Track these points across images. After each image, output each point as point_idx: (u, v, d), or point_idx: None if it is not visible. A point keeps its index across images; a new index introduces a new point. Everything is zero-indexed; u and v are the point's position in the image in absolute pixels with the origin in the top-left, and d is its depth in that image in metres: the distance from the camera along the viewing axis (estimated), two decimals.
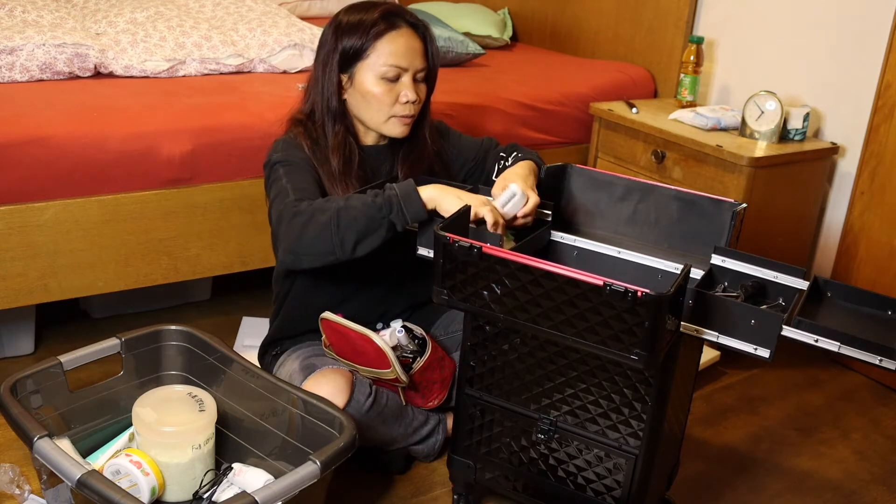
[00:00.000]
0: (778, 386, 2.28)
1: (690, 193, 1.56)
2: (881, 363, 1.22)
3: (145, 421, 1.51)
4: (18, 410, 1.42)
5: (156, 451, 1.50)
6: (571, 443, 1.45)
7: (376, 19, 1.60)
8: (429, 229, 1.49)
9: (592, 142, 2.65)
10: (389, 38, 1.61)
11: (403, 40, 1.62)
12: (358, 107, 1.66)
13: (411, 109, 1.64)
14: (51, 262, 1.85)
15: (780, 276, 1.42)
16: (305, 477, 1.33)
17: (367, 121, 1.67)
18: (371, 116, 1.66)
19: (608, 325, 1.21)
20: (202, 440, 1.52)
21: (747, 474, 1.89)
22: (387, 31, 1.61)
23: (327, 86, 1.65)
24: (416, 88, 1.64)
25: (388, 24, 1.61)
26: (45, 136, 1.80)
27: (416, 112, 1.67)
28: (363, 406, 1.60)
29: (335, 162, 1.64)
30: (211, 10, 2.61)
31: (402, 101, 1.63)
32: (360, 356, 1.61)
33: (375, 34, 1.60)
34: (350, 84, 1.65)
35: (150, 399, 1.56)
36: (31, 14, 2.29)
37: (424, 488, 1.76)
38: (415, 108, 1.65)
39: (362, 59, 1.62)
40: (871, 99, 2.29)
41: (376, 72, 1.61)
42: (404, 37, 1.62)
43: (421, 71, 1.65)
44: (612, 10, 3.02)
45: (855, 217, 2.35)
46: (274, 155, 1.64)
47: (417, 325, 1.77)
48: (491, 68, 2.84)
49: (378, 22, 1.60)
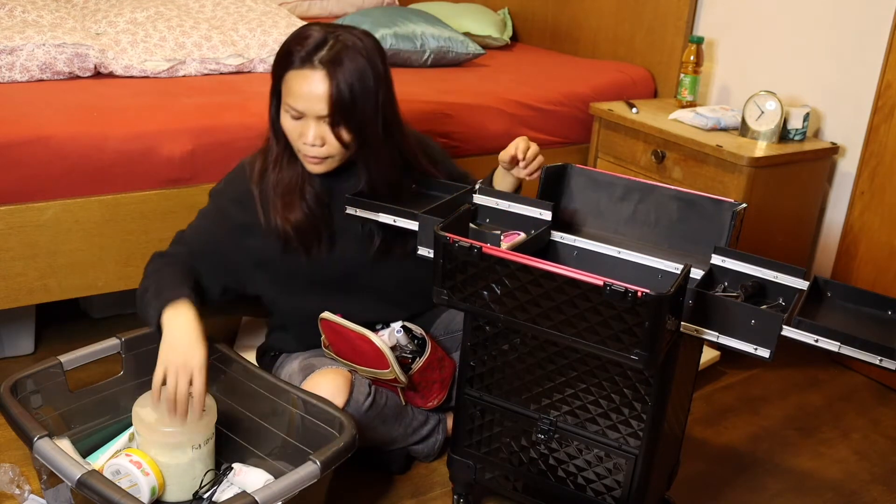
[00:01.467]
0: (778, 386, 2.28)
1: (690, 193, 1.56)
2: (881, 363, 1.22)
3: (145, 421, 1.51)
4: (18, 410, 1.42)
5: (156, 451, 1.50)
6: (571, 443, 1.45)
7: (289, 51, 1.49)
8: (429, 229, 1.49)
9: (592, 142, 2.65)
10: (291, 77, 1.48)
11: (304, 82, 1.46)
12: None
13: (316, 151, 1.52)
14: (51, 262, 1.86)
15: (780, 276, 1.42)
16: (305, 477, 1.33)
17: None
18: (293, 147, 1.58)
19: (608, 325, 1.21)
20: (202, 440, 1.52)
21: (747, 474, 1.89)
22: (289, 69, 1.48)
23: (272, 106, 1.58)
24: (322, 132, 1.50)
25: (298, 60, 1.47)
26: (45, 136, 1.80)
27: (328, 154, 1.53)
28: (362, 406, 1.60)
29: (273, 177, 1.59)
30: (211, 10, 2.62)
31: (303, 141, 1.52)
32: (359, 356, 1.61)
33: (286, 66, 1.49)
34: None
35: (150, 399, 1.56)
36: (31, 14, 2.29)
37: (424, 488, 1.76)
38: (320, 151, 1.52)
39: (281, 87, 1.52)
40: (871, 99, 2.29)
41: (285, 106, 1.52)
42: (305, 79, 1.46)
43: (323, 117, 1.48)
44: (612, 10, 3.02)
45: (855, 217, 2.35)
46: (218, 185, 1.68)
47: (417, 325, 1.77)
48: (491, 68, 2.84)
49: (287, 54, 1.49)
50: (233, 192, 1.64)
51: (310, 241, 1.62)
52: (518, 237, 1.54)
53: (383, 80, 1.54)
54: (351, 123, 1.50)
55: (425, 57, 2.72)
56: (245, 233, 1.62)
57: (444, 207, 1.57)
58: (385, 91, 1.55)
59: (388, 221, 1.57)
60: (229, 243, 1.63)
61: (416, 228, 1.52)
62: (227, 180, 1.68)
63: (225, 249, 1.63)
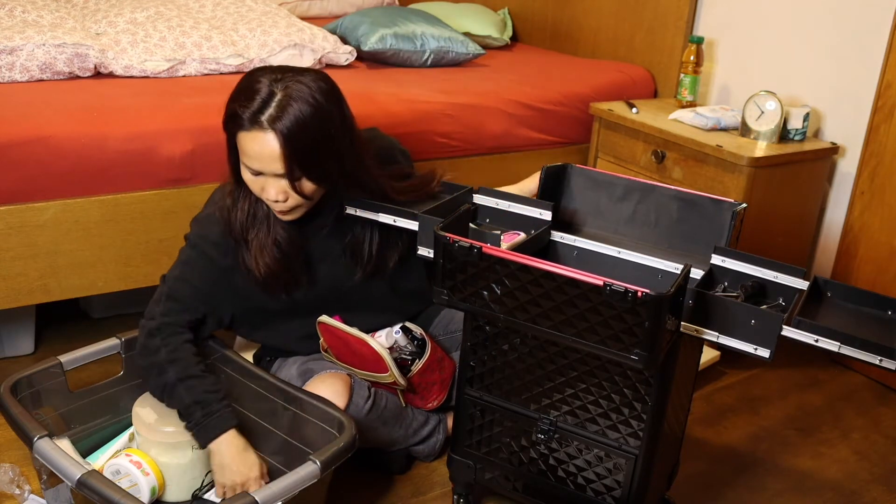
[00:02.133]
0: (778, 386, 2.28)
1: (690, 193, 1.56)
2: (881, 363, 1.22)
3: (145, 421, 1.51)
4: (18, 410, 1.43)
5: (156, 451, 1.51)
6: (571, 443, 1.45)
7: (234, 112, 1.41)
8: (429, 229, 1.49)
9: (592, 142, 2.65)
10: (242, 138, 1.42)
11: (255, 144, 1.40)
12: None
13: (280, 206, 1.48)
14: (51, 262, 1.85)
15: (780, 276, 1.42)
16: (305, 477, 1.33)
17: None
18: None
19: (608, 325, 1.21)
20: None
21: (747, 474, 1.89)
22: (239, 130, 1.41)
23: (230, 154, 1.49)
24: (282, 186, 1.44)
25: (245, 122, 1.40)
26: (45, 136, 1.80)
27: (297, 204, 1.48)
28: (362, 409, 1.60)
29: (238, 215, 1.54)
30: (211, 10, 2.62)
31: (266, 197, 1.47)
32: (358, 360, 1.60)
33: (233, 127, 1.42)
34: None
35: (150, 399, 1.56)
36: (31, 14, 2.29)
37: (424, 488, 1.76)
38: (287, 205, 1.47)
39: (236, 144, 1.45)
40: (871, 99, 2.29)
41: (241, 163, 1.46)
42: (256, 141, 1.40)
43: (280, 175, 1.42)
44: (612, 10, 3.02)
45: (855, 217, 2.35)
46: (192, 226, 1.60)
47: (415, 324, 1.77)
48: (491, 68, 2.84)
49: (234, 115, 1.41)
50: (212, 235, 1.57)
51: (286, 281, 1.58)
52: (518, 237, 1.54)
53: (339, 124, 1.46)
54: (311, 175, 1.44)
55: (425, 57, 2.72)
56: (230, 273, 1.57)
57: (444, 207, 1.57)
58: (343, 133, 1.47)
59: (388, 221, 1.57)
60: (217, 289, 1.58)
61: (416, 228, 1.52)
62: (204, 220, 1.59)
63: (215, 295, 1.59)
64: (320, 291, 1.64)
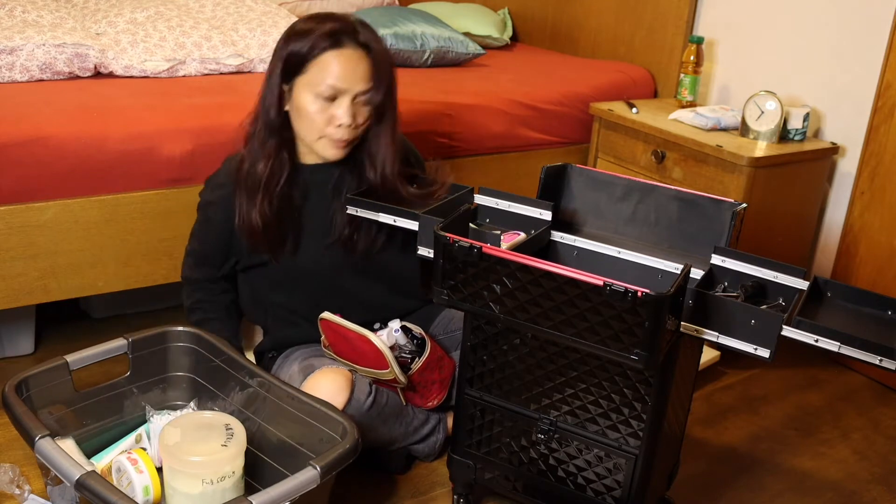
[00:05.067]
0: (778, 386, 2.28)
1: (690, 193, 1.56)
2: (881, 363, 1.22)
3: (167, 443, 1.44)
4: (22, 410, 1.42)
5: (170, 475, 1.46)
6: (571, 443, 1.45)
7: (322, 34, 1.53)
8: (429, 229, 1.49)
9: (592, 142, 2.65)
10: (330, 57, 1.53)
11: (345, 60, 1.53)
12: (294, 120, 1.62)
13: (345, 133, 1.57)
14: (51, 262, 1.85)
15: (780, 276, 1.42)
16: (304, 482, 1.32)
17: (301, 137, 1.63)
18: (305, 133, 1.61)
19: (608, 325, 1.21)
20: (215, 476, 1.41)
21: (747, 474, 1.90)
22: (329, 49, 1.53)
23: (268, 95, 1.59)
24: (355, 111, 1.57)
25: (332, 41, 1.53)
26: (45, 136, 1.80)
27: (354, 136, 1.60)
28: (363, 406, 1.60)
29: (261, 170, 1.61)
30: (211, 10, 2.62)
31: (336, 123, 1.56)
32: (359, 356, 1.61)
33: (318, 49, 1.53)
34: (290, 96, 1.60)
35: (182, 421, 1.49)
36: (31, 14, 2.29)
37: (424, 488, 1.76)
38: (350, 133, 1.58)
39: (302, 72, 1.56)
40: (871, 99, 2.29)
41: (313, 89, 1.55)
42: (346, 57, 1.53)
43: (362, 94, 1.56)
44: (612, 10, 3.02)
45: (855, 217, 2.35)
46: (203, 193, 1.74)
47: (415, 324, 1.77)
48: (491, 68, 2.84)
49: (323, 37, 1.53)
50: (214, 197, 1.71)
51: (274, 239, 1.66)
52: (518, 237, 1.54)
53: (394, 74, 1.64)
54: (384, 99, 1.60)
55: (425, 57, 2.72)
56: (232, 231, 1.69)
57: (443, 207, 1.57)
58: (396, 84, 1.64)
59: (388, 221, 1.57)
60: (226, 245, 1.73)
61: (416, 228, 1.52)
62: (210, 184, 1.74)
63: (225, 250, 1.74)
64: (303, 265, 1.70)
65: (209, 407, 1.67)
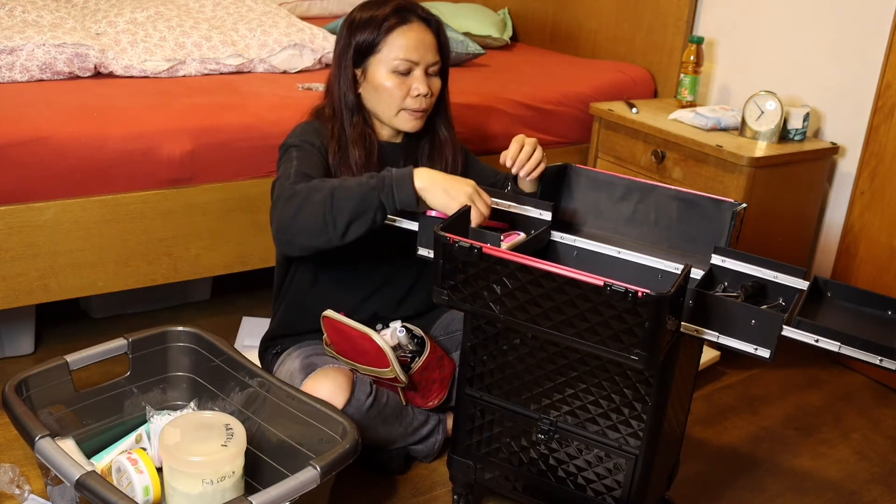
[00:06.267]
0: (778, 386, 2.28)
1: (690, 193, 1.56)
2: (881, 363, 1.22)
3: (166, 442, 1.45)
4: (22, 410, 1.42)
5: (170, 476, 1.46)
6: (571, 443, 1.45)
7: (388, 14, 1.65)
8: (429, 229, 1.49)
9: (592, 142, 2.65)
10: (400, 33, 1.65)
11: (414, 34, 1.65)
12: (371, 100, 1.70)
13: (423, 103, 1.68)
14: (51, 262, 1.85)
15: (780, 276, 1.42)
16: (304, 483, 1.32)
17: (379, 114, 1.71)
18: (383, 110, 1.69)
19: (608, 326, 1.21)
20: (215, 476, 1.41)
21: (747, 474, 1.89)
22: (398, 26, 1.65)
23: (343, 81, 1.69)
24: (429, 82, 1.68)
25: (399, 18, 1.65)
26: (45, 136, 1.80)
27: (429, 106, 1.70)
28: (364, 405, 1.60)
29: (356, 153, 1.67)
30: (211, 10, 2.62)
31: (414, 94, 1.66)
32: (361, 355, 1.61)
33: (387, 28, 1.65)
34: (364, 78, 1.69)
35: (181, 422, 1.48)
36: (31, 14, 2.29)
37: (424, 488, 1.76)
38: (427, 102, 1.68)
39: (374, 53, 1.66)
40: (871, 99, 2.29)
41: (388, 65, 1.65)
42: (415, 31, 1.66)
43: (433, 65, 1.68)
44: (612, 10, 3.02)
45: (855, 217, 2.35)
46: (290, 139, 1.69)
47: (417, 325, 1.77)
48: (491, 68, 2.84)
49: (389, 17, 1.65)
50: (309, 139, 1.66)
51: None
52: (518, 237, 1.54)
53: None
54: (444, 75, 1.74)
55: None
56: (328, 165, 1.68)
57: None
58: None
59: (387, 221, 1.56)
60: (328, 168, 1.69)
61: (416, 229, 1.52)
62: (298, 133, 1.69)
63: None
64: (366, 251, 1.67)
65: (209, 407, 1.67)
